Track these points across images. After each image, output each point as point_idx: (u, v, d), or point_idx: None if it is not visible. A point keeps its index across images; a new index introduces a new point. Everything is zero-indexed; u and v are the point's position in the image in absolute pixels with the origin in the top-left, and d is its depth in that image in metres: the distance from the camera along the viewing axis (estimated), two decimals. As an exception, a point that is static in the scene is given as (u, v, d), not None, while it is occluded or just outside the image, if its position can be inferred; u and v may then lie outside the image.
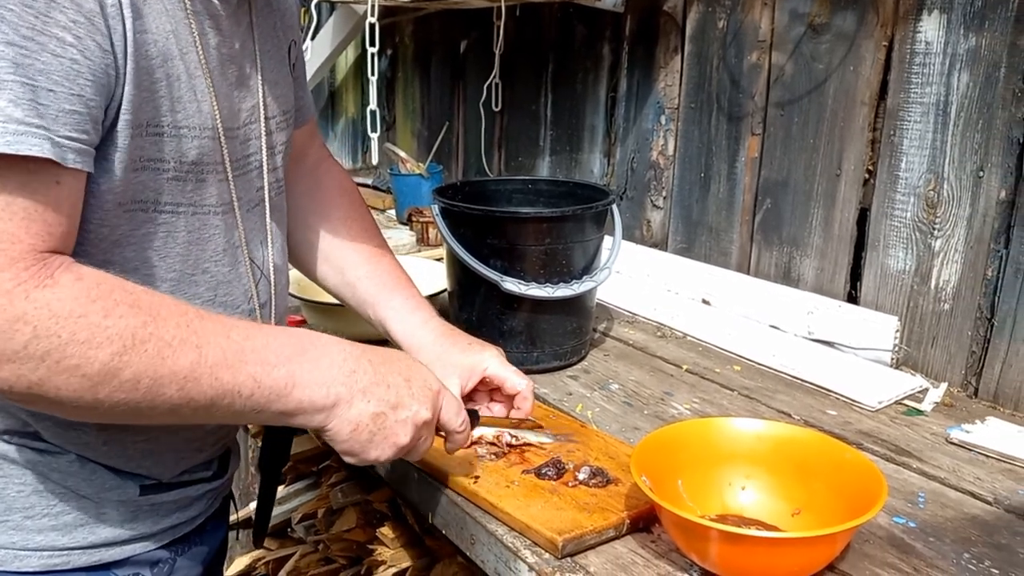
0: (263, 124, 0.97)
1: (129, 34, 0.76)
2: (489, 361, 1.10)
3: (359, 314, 1.20)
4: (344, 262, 1.18)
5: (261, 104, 0.97)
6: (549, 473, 1.01)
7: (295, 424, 0.84)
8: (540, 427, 1.11)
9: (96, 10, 0.73)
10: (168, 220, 0.86)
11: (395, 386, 0.88)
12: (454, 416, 0.94)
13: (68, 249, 0.75)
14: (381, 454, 0.88)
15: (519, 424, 1.10)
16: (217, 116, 0.87)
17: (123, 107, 0.77)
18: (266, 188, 1.00)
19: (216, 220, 0.91)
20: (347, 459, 0.89)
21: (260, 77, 0.96)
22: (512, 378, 1.10)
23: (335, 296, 1.23)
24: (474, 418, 1.00)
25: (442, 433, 0.96)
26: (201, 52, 0.85)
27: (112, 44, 0.74)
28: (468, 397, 1.11)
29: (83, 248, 0.79)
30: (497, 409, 1.13)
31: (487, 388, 1.13)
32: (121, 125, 0.77)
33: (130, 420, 0.78)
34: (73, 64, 0.71)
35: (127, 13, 0.75)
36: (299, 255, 1.21)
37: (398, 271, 1.19)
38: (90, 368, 0.71)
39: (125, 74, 0.76)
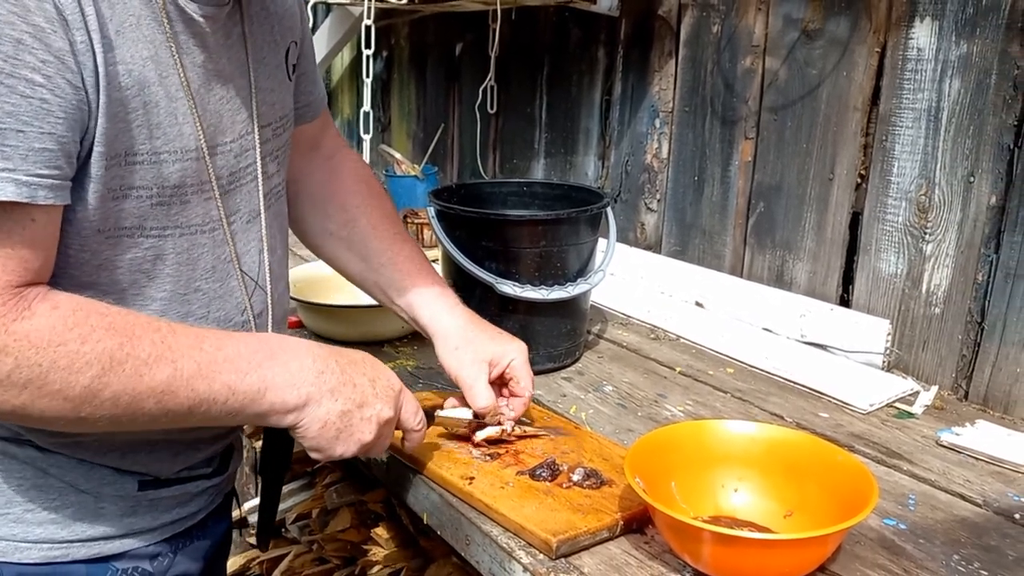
0: (256, 134, 0.97)
1: (100, 68, 0.76)
2: (515, 354, 1.12)
3: (381, 301, 1.20)
4: (367, 248, 1.18)
5: (254, 114, 0.97)
6: (543, 474, 1.02)
7: (269, 424, 0.88)
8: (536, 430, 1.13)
9: (66, 48, 0.73)
10: (156, 244, 0.87)
11: (360, 386, 0.92)
12: (412, 416, 0.99)
13: (45, 278, 0.78)
14: (346, 450, 0.92)
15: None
16: (201, 136, 0.88)
17: (96, 139, 0.78)
18: (261, 197, 1.00)
19: (203, 239, 0.92)
20: (313, 455, 0.93)
21: (253, 87, 0.96)
22: (525, 380, 1.12)
23: (357, 284, 1.22)
24: (429, 418, 1.04)
25: (400, 432, 1.00)
26: (183, 74, 0.85)
27: (83, 80, 0.75)
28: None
29: (66, 271, 0.81)
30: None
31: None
32: (95, 157, 0.78)
33: (112, 430, 0.82)
34: (43, 104, 0.72)
35: (98, 48, 0.76)
36: (319, 245, 1.22)
37: (420, 256, 1.19)
38: (71, 392, 0.74)
39: (98, 107, 0.77)
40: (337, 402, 0.89)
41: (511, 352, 1.12)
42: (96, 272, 0.83)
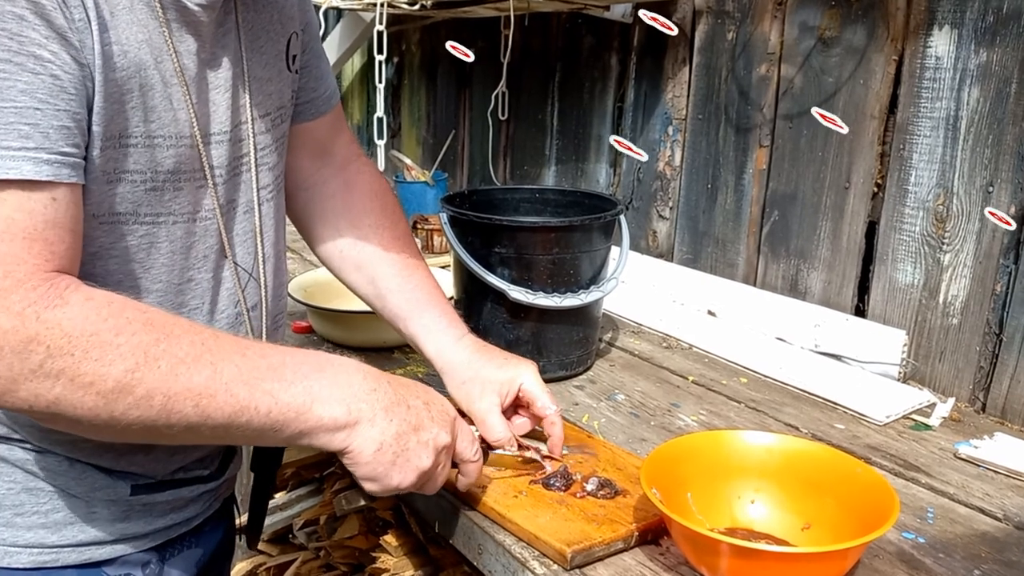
0: (251, 124, 0.96)
1: (97, 47, 0.76)
2: (525, 376, 1.08)
3: (390, 325, 1.16)
4: (375, 272, 1.14)
5: (248, 105, 0.95)
6: (557, 484, 1.01)
7: (316, 445, 0.81)
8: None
9: (65, 25, 0.73)
10: (149, 231, 0.85)
11: (415, 408, 0.86)
12: (468, 445, 0.93)
13: (74, 266, 0.76)
14: (404, 479, 0.85)
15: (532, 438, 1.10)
16: (195, 123, 0.87)
17: (94, 119, 0.77)
18: (256, 189, 0.98)
19: (195, 227, 0.90)
20: (368, 486, 0.85)
21: (246, 76, 0.95)
22: (543, 398, 1.07)
23: (367, 304, 1.19)
24: (485, 452, 0.99)
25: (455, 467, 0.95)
26: (177, 60, 0.84)
27: (84, 58, 0.75)
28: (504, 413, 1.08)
29: None
30: (520, 423, 1.10)
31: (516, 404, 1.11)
32: (92, 136, 0.77)
33: (151, 439, 0.78)
34: (55, 80, 0.72)
35: (95, 27, 0.75)
36: (330, 260, 1.19)
37: (430, 284, 1.15)
38: (104, 385, 0.71)
39: (95, 86, 0.76)
40: (392, 423, 0.83)
41: (519, 376, 1.07)
42: (91, 261, 0.82)
